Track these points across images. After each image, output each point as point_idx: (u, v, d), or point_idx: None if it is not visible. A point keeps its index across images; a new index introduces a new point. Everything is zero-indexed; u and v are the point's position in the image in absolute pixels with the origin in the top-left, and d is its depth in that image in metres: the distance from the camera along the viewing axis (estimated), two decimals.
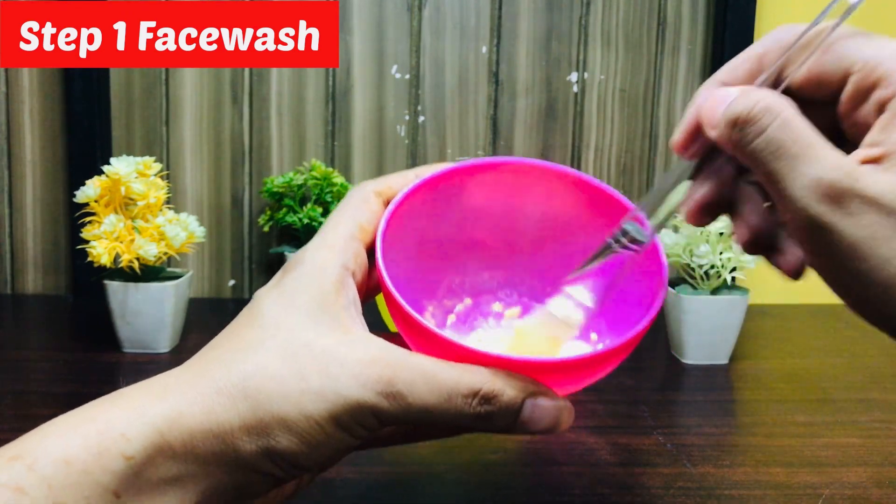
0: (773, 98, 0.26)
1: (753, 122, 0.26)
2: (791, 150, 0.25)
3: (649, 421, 0.57)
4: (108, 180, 0.68)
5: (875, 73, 0.26)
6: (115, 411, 0.28)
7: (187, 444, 0.28)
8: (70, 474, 0.26)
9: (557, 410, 0.30)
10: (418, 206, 0.36)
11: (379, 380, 0.28)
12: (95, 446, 0.26)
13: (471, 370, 0.29)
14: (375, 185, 0.35)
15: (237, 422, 0.28)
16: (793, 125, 0.26)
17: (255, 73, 0.92)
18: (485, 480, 0.47)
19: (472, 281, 0.40)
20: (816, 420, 0.58)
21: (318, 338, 0.30)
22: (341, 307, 0.31)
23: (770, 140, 0.26)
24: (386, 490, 0.46)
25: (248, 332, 0.30)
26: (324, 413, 0.28)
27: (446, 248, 0.39)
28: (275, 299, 0.31)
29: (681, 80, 0.96)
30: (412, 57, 0.94)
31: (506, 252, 0.40)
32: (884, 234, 0.24)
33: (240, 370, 0.29)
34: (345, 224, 0.33)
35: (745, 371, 0.71)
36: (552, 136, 0.96)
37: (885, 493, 0.46)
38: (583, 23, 0.94)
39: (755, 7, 0.92)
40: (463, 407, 0.29)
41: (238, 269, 0.95)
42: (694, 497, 0.45)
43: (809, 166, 0.25)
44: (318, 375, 0.28)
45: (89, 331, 0.78)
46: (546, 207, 0.38)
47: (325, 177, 0.87)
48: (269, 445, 0.28)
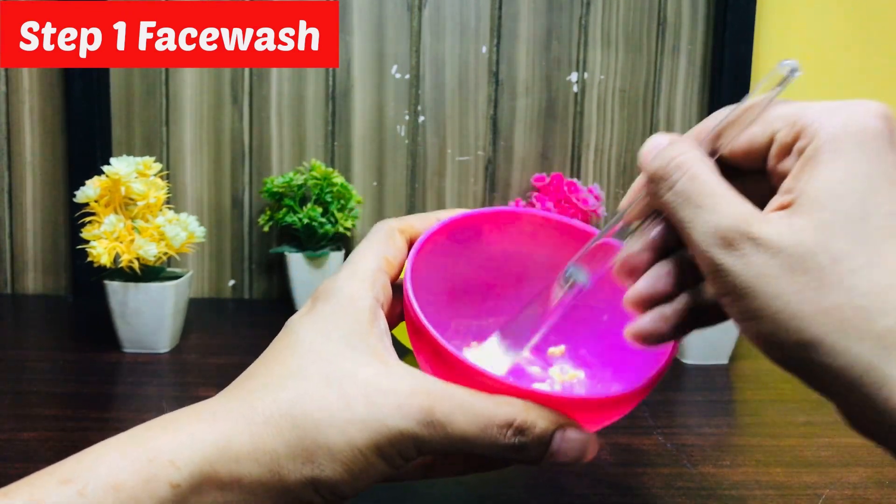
0: (688, 154, 0.29)
1: (666, 178, 0.29)
2: (695, 201, 0.28)
3: (649, 421, 0.57)
4: (108, 180, 0.68)
5: (796, 126, 0.28)
6: (164, 438, 0.28)
7: (234, 472, 0.28)
8: (118, 500, 0.26)
9: (585, 443, 0.31)
10: (439, 248, 0.37)
11: (420, 410, 0.29)
12: (144, 473, 0.27)
13: (505, 402, 0.30)
14: (398, 223, 0.37)
15: (283, 450, 0.29)
16: (700, 179, 0.28)
17: (255, 73, 0.92)
18: (485, 480, 0.47)
19: (479, 325, 0.41)
20: (817, 420, 0.58)
21: (359, 367, 0.30)
22: (376, 337, 0.32)
23: (678, 192, 0.28)
24: (386, 490, 0.46)
25: (289, 360, 0.31)
26: (368, 442, 0.29)
27: (458, 290, 0.40)
28: (311, 327, 0.32)
29: (681, 80, 0.96)
30: (412, 57, 0.94)
31: (514, 299, 0.40)
32: (771, 272, 0.25)
33: (286, 398, 0.29)
34: (373, 257, 0.35)
35: (745, 371, 0.71)
36: (552, 136, 0.96)
37: (886, 494, 0.46)
38: (583, 23, 0.94)
39: (755, 7, 0.92)
40: (498, 437, 0.30)
41: (238, 269, 0.95)
42: (694, 497, 0.45)
43: (711, 215, 0.27)
44: (364, 404, 0.29)
45: (89, 331, 0.78)
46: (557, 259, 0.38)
47: (324, 177, 0.87)
48: (313, 474, 0.29)
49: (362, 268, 0.34)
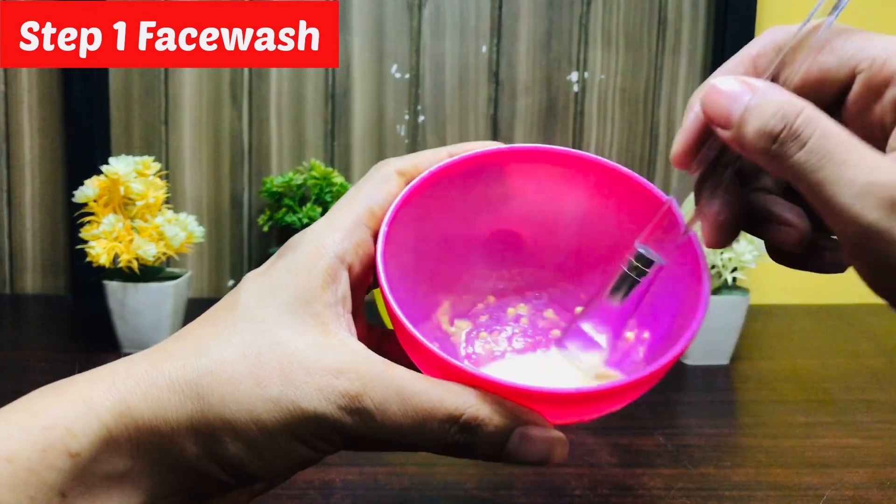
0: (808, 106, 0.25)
1: (796, 135, 0.24)
2: (835, 157, 0.24)
3: (650, 421, 0.57)
4: (107, 180, 0.68)
5: (884, 70, 0.26)
6: (60, 405, 0.26)
7: (133, 439, 0.26)
8: (14, 473, 0.24)
9: (549, 442, 0.27)
10: (446, 189, 0.33)
11: (344, 394, 0.26)
12: (40, 443, 0.25)
13: (455, 392, 0.27)
14: (400, 163, 0.32)
15: (185, 421, 0.26)
16: (833, 133, 0.24)
17: (254, 73, 0.92)
18: (485, 480, 0.47)
19: (498, 277, 0.36)
20: (817, 421, 0.57)
21: (291, 337, 0.27)
22: (325, 304, 0.28)
23: (812, 151, 0.24)
24: (386, 490, 0.46)
25: (218, 323, 0.28)
26: (278, 423, 0.26)
27: (473, 237, 0.35)
28: (256, 287, 0.29)
29: (681, 79, 0.96)
30: (412, 57, 0.93)
31: (539, 249, 0.35)
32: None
33: (196, 365, 0.27)
34: (354, 208, 0.30)
35: (745, 371, 0.71)
36: (552, 136, 0.96)
37: (887, 494, 0.46)
38: (583, 22, 0.94)
39: (755, 7, 0.92)
40: (439, 432, 0.26)
41: (237, 269, 0.95)
42: (694, 498, 0.45)
43: (857, 172, 0.23)
44: (279, 381, 0.26)
45: (88, 331, 0.77)
46: (589, 205, 0.34)
47: (324, 176, 0.86)
48: (215, 450, 0.26)
49: (338, 220, 0.30)
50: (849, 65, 0.27)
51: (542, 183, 0.34)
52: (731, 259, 0.68)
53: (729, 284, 0.69)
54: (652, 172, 0.97)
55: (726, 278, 0.68)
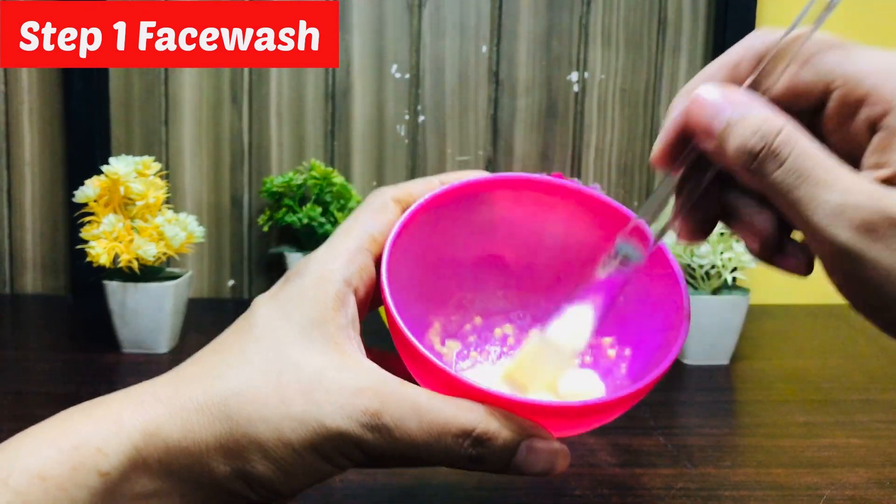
0: (787, 124, 0.26)
1: (775, 154, 0.25)
2: (814, 178, 0.24)
3: (650, 421, 0.57)
4: (108, 180, 0.68)
5: (859, 89, 0.26)
6: (90, 424, 0.27)
7: (163, 460, 0.27)
8: (45, 490, 0.25)
9: (553, 454, 0.29)
10: (438, 216, 0.34)
11: (365, 411, 0.27)
12: (70, 461, 0.26)
13: (466, 408, 0.28)
14: (395, 191, 0.33)
15: (213, 442, 0.27)
16: (811, 153, 0.25)
17: (254, 73, 0.92)
18: (485, 480, 0.47)
19: (485, 299, 0.38)
20: (817, 420, 0.57)
21: (309, 357, 0.28)
22: (338, 326, 0.29)
23: (790, 170, 0.25)
24: (386, 490, 0.46)
25: (235, 346, 0.29)
26: (303, 441, 0.27)
27: (462, 261, 0.37)
28: (269, 311, 0.30)
29: (681, 79, 0.96)
30: (412, 56, 0.93)
31: (523, 272, 0.38)
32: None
33: (222, 387, 0.28)
34: (355, 235, 0.32)
35: (745, 371, 0.71)
36: (552, 136, 0.96)
37: (887, 494, 0.46)
38: (583, 22, 0.94)
39: (755, 7, 0.92)
40: (453, 446, 0.28)
41: (237, 269, 0.95)
42: (695, 498, 0.45)
43: (831, 193, 0.24)
44: (302, 400, 0.27)
45: (88, 331, 0.78)
46: (569, 229, 0.36)
47: (324, 176, 0.86)
48: (243, 469, 0.27)
49: (341, 246, 0.31)
50: (824, 80, 0.27)
51: (527, 209, 0.36)
52: (731, 259, 0.68)
53: (729, 284, 0.69)
54: (652, 172, 0.97)
55: (726, 278, 0.68)
